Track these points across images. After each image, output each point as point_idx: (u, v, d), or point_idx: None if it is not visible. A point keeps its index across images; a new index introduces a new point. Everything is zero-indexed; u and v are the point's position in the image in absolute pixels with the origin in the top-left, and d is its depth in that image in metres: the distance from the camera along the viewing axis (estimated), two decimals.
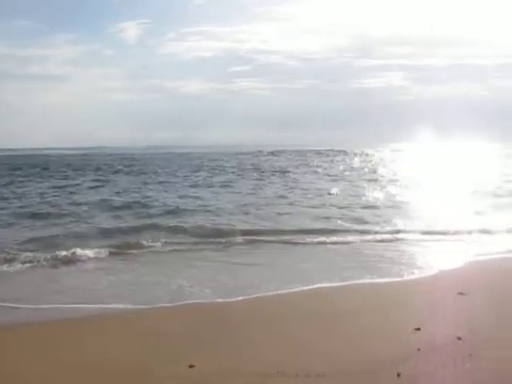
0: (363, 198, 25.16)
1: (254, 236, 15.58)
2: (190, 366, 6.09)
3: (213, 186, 32.25)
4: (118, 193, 28.35)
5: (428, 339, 6.70)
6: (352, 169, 50.43)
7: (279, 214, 20.31)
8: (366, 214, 20.40)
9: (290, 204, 23.51)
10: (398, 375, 5.63)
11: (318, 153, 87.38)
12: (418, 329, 7.12)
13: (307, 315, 8.11)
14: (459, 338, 6.65)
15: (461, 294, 8.92)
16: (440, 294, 9.11)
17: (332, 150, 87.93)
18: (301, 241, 15.07)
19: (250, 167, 52.74)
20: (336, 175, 41.46)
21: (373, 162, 62.16)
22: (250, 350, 6.67)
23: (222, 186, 32.24)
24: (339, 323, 7.66)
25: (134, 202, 23.58)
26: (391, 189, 29.43)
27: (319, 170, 48.54)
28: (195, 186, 33.05)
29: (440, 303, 8.37)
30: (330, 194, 27.58)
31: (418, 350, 6.37)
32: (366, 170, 48.56)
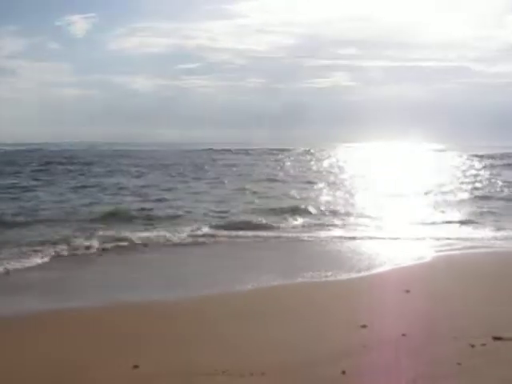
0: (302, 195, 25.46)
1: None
2: (135, 367, 5.97)
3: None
4: None
5: (373, 336, 6.77)
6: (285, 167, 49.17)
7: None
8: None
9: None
10: (343, 372, 5.64)
11: (264, 152, 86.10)
12: (364, 326, 7.18)
13: (252, 314, 8.04)
14: (404, 335, 6.74)
15: (407, 291, 9.06)
16: (387, 291, 9.25)
17: (276, 149, 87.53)
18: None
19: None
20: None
21: (312, 162, 60.72)
22: (195, 349, 6.58)
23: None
24: (284, 321, 7.64)
25: None
26: (327, 189, 29.38)
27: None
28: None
29: (386, 301, 8.49)
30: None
31: (364, 346, 6.42)
32: (305, 169, 48.24)
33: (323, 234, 15.99)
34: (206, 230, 15.95)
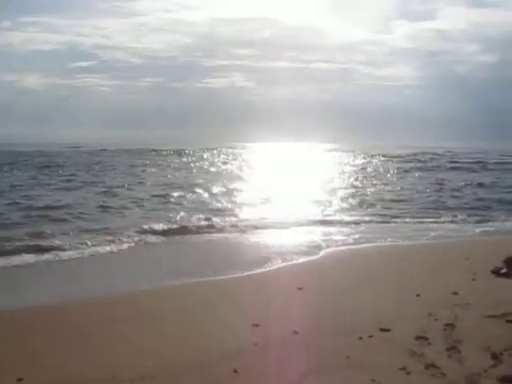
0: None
1: None
2: (18, 380, 5.64)
3: None
4: None
5: (266, 334, 6.79)
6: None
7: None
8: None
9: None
10: (235, 371, 5.63)
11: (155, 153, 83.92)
12: (257, 325, 7.20)
13: (143, 316, 7.84)
14: (295, 332, 6.84)
15: (299, 288, 9.20)
16: (280, 289, 9.36)
17: (167, 150, 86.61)
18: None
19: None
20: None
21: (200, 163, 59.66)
22: (85, 355, 6.33)
23: None
24: (174, 322, 7.51)
25: None
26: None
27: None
28: None
29: (279, 298, 8.56)
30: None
31: (256, 345, 6.44)
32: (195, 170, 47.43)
33: (214, 234, 16.07)
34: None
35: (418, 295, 8.49)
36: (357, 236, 15.56)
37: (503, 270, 10.18)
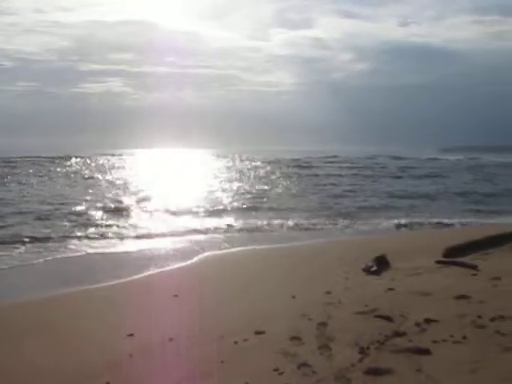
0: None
1: None
2: None
3: None
4: None
5: (141, 344, 6.65)
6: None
7: None
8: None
9: None
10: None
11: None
12: (131, 335, 7.03)
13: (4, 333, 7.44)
14: (171, 340, 6.74)
15: (175, 296, 9.08)
16: (155, 297, 9.19)
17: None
18: None
19: None
20: None
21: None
22: None
23: None
24: (39, 340, 7.14)
25: None
26: None
27: None
28: None
29: (155, 307, 8.41)
30: None
31: (130, 355, 6.28)
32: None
33: (92, 243, 15.54)
34: None
35: (293, 297, 8.67)
36: (233, 241, 15.71)
37: (373, 268, 10.69)
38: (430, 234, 17.74)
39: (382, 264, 10.95)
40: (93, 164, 69.35)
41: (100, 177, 45.33)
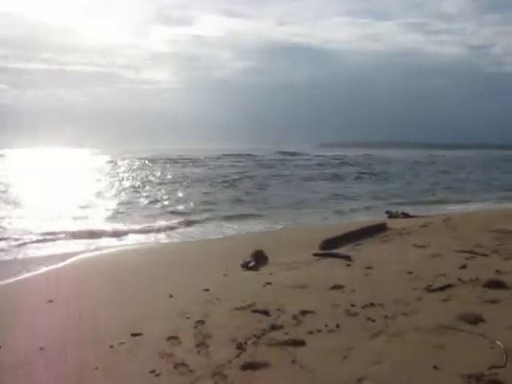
0: None
1: None
2: None
3: None
4: None
5: (8, 356, 6.25)
6: None
7: None
8: None
9: None
10: None
11: None
12: None
13: None
14: (41, 349, 6.39)
15: (50, 301, 8.63)
16: (26, 303, 8.67)
17: None
18: None
19: None
20: None
21: None
22: None
23: None
24: None
25: None
26: None
27: None
28: None
29: (25, 314, 7.95)
30: None
31: None
32: None
33: None
34: None
35: (170, 296, 8.55)
36: (113, 243, 15.36)
37: (251, 264, 10.81)
38: (311, 228, 18.23)
39: (260, 259, 11.11)
40: None
41: None
